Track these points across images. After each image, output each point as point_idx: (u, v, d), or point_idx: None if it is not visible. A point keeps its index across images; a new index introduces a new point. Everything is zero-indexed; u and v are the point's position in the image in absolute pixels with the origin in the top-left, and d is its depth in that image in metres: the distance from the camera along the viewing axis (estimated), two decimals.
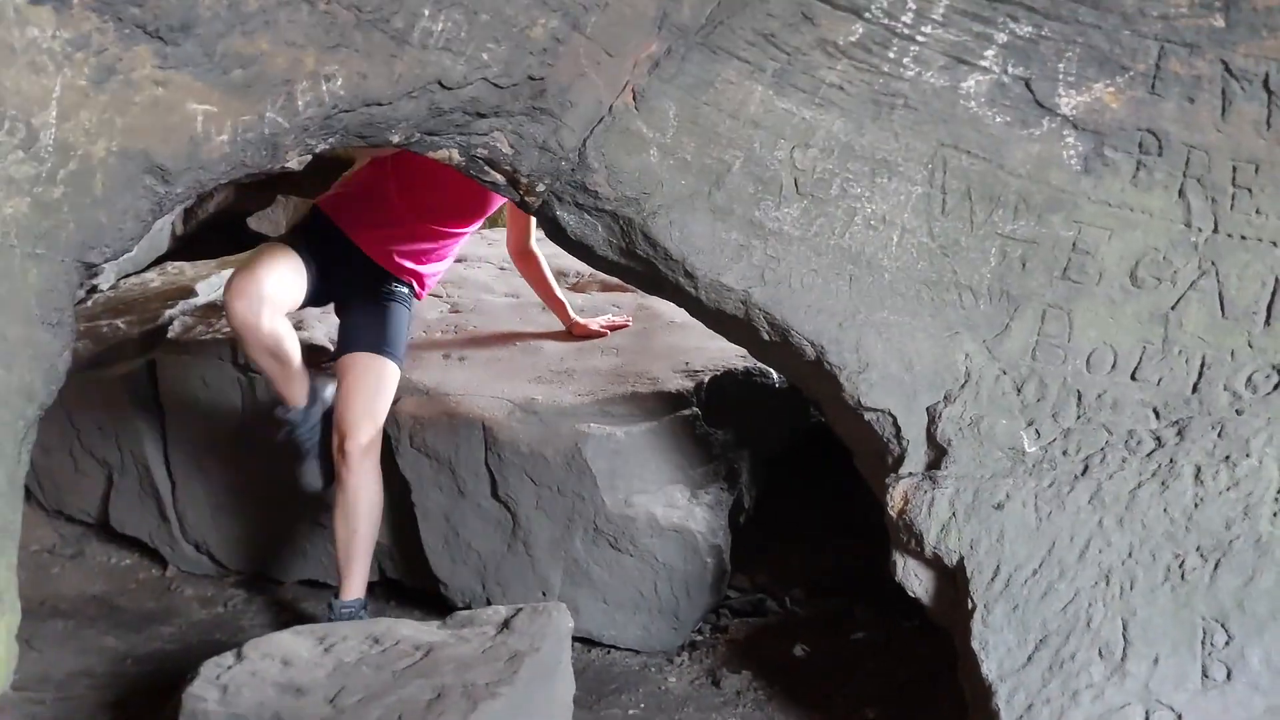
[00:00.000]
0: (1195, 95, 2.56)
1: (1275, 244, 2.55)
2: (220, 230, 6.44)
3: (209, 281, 4.85)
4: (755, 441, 3.82)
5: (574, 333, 4.08)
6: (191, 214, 6.20)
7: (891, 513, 2.62)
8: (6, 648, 1.81)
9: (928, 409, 2.67)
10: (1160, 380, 2.59)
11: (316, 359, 3.97)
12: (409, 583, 3.90)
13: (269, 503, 4.02)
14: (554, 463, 3.49)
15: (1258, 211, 2.55)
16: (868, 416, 2.70)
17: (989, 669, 2.43)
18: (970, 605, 2.48)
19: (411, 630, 2.89)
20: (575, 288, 4.64)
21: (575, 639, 3.21)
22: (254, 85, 2.19)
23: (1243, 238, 2.56)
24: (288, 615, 3.81)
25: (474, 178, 2.80)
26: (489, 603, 3.50)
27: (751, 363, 3.83)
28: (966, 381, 2.66)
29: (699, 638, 3.57)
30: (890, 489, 2.64)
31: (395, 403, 3.72)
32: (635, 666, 3.46)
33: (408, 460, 3.71)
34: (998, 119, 2.65)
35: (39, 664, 3.31)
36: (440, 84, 2.45)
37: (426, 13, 2.33)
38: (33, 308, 1.96)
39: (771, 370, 3.80)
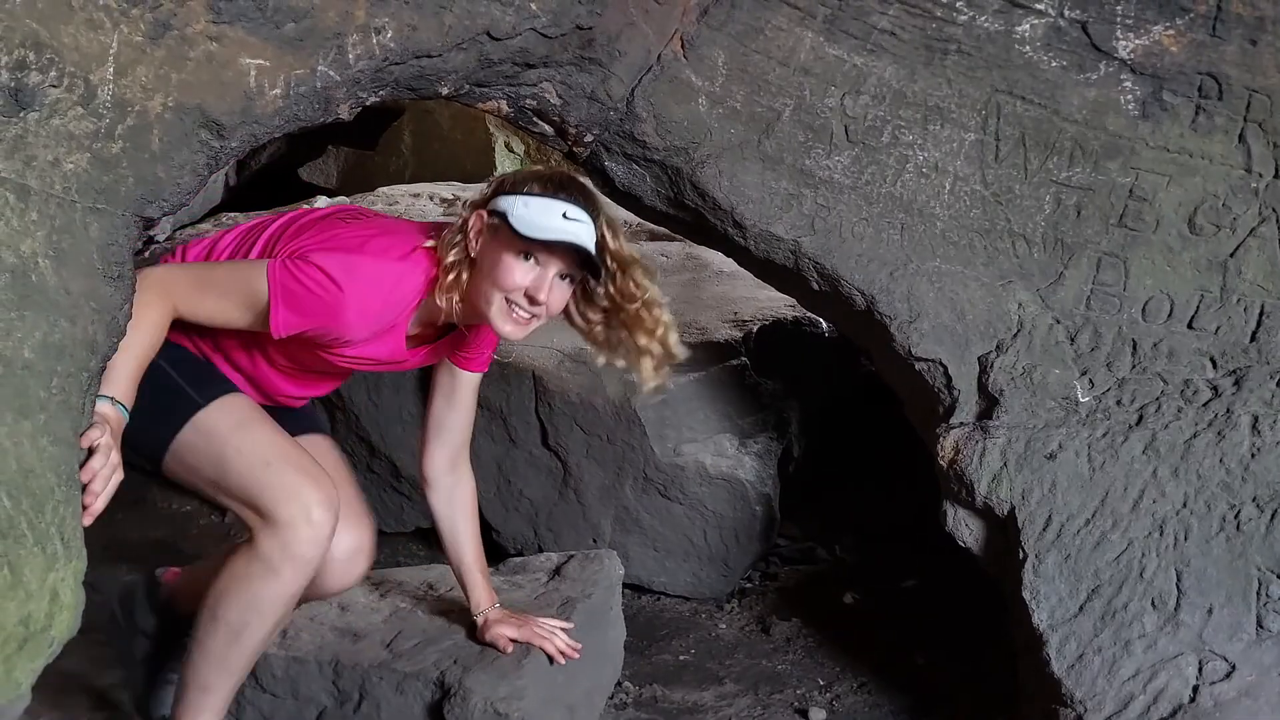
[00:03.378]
0: (1258, 37, 2.50)
1: None
2: (273, 181, 6.48)
3: None
4: (804, 391, 3.82)
5: (480, 632, 2.63)
6: (244, 165, 6.24)
7: (942, 463, 2.62)
8: (74, 593, 1.85)
9: (979, 358, 2.65)
10: (1218, 329, 2.56)
11: None
12: None
13: None
14: (604, 412, 3.52)
15: None
16: (919, 366, 2.69)
17: (1040, 618, 2.43)
18: (1021, 555, 2.48)
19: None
20: (627, 237, 4.63)
21: (626, 586, 3.25)
22: (306, 39, 2.19)
23: None
24: None
25: (522, 129, 2.80)
26: (541, 549, 3.54)
27: (801, 312, 3.82)
28: (1019, 331, 2.64)
29: (749, 585, 3.59)
30: (941, 439, 2.64)
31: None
32: (686, 613, 3.49)
33: None
34: (1053, 64, 2.61)
35: (105, 608, 3.39)
36: (489, 35, 2.44)
37: None
38: (94, 261, 1.99)
39: (821, 320, 3.79)
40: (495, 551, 3.67)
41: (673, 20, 2.67)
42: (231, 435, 2.30)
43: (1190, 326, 2.58)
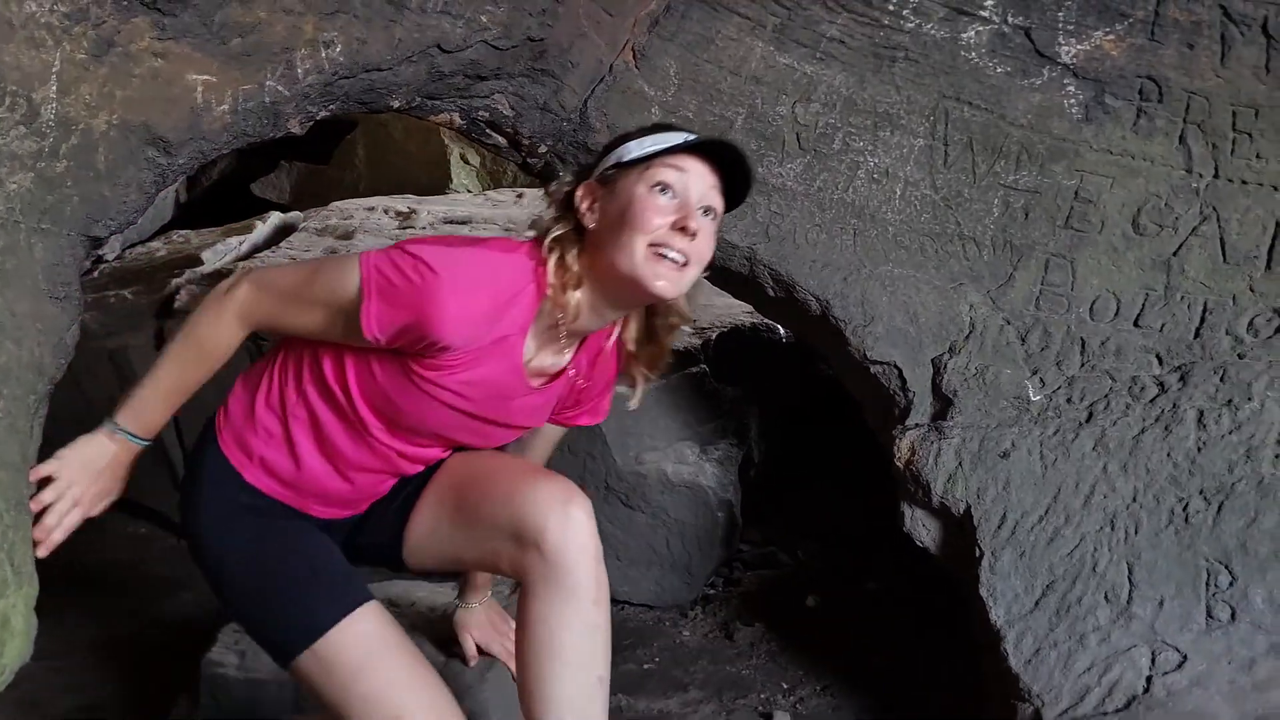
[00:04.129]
0: (1194, 41, 2.55)
1: (1276, 188, 2.56)
2: (225, 196, 6.44)
3: (214, 249, 4.86)
4: (763, 396, 3.84)
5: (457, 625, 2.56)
6: (195, 181, 6.20)
7: (899, 464, 2.64)
8: (26, 620, 1.83)
9: (933, 360, 2.68)
10: (1163, 326, 2.60)
11: None
12: None
13: None
14: None
15: (1258, 156, 2.55)
16: (874, 369, 2.72)
17: (997, 615, 2.46)
18: (978, 553, 2.50)
19: (427, 592, 2.93)
20: None
21: None
22: (253, 54, 2.18)
23: (1243, 182, 2.56)
24: None
25: (476, 141, 2.80)
26: None
27: (758, 318, 3.85)
28: (971, 332, 2.67)
29: (712, 591, 3.60)
30: (897, 440, 2.66)
31: None
32: (649, 621, 3.50)
33: None
34: (998, 69, 2.64)
35: (60, 633, 3.35)
36: (440, 47, 2.44)
37: None
38: (40, 282, 1.97)
39: (778, 326, 3.82)
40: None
41: (624, 31, 2.68)
42: (359, 674, 1.98)
43: (1136, 324, 2.62)
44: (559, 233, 2.01)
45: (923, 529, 2.64)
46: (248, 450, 2.11)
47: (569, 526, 2.03)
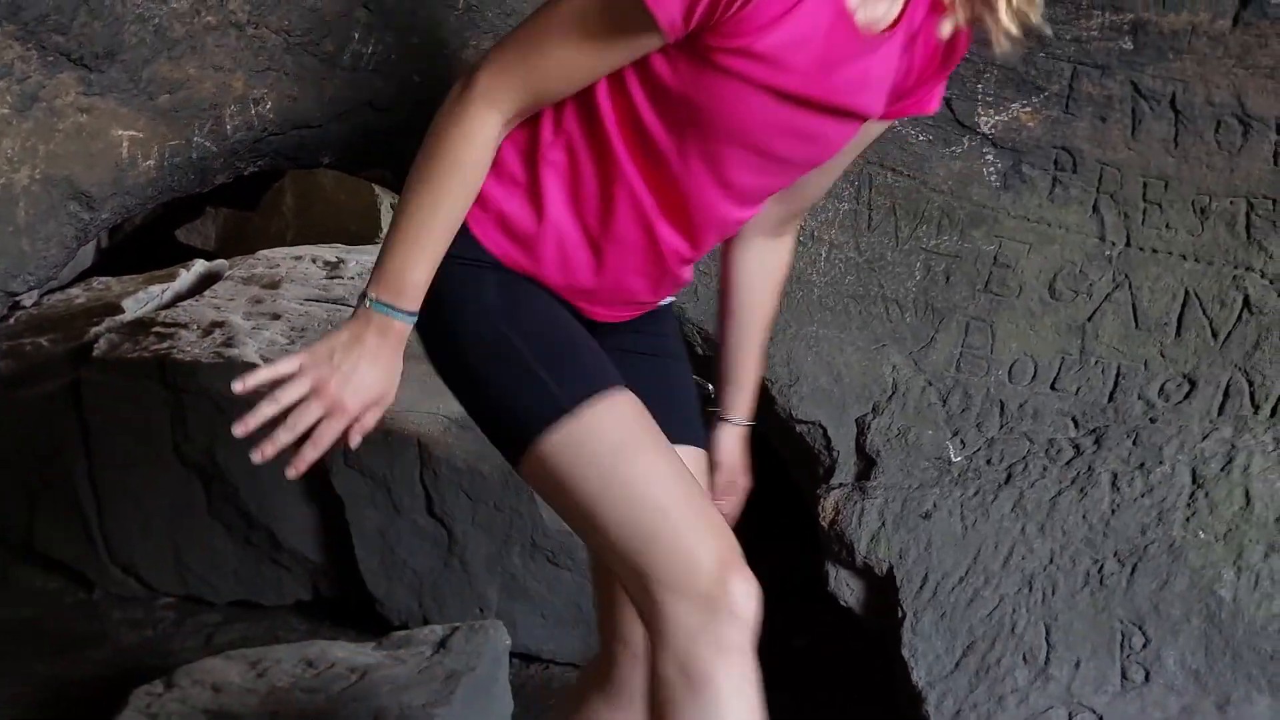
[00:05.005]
0: (1106, 114, 2.64)
1: (1184, 257, 2.64)
2: (147, 242, 6.34)
3: (135, 297, 4.78)
4: None
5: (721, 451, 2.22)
6: (118, 228, 6.09)
7: (823, 523, 2.67)
8: None
9: (857, 420, 2.72)
10: (1078, 390, 2.67)
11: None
12: (343, 601, 3.88)
13: (198, 523, 3.97)
14: (491, 478, 3.50)
15: (1167, 226, 2.64)
16: (799, 429, 2.75)
17: (918, 675, 2.48)
18: (900, 613, 2.53)
19: (346, 652, 2.90)
20: None
21: (514, 655, 3.22)
22: (181, 110, 2.18)
23: (1154, 251, 2.65)
24: (220, 637, 3.76)
25: None
26: (426, 620, 3.50)
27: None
28: (894, 393, 2.71)
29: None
30: (822, 500, 2.69)
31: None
32: (574, 680, 3.47)
33: (342, 478, 3.70)
34: (920, 137, 2.71)
35: None
36: (371, 105, 2.45)
37: (357, 36, 2.33)
38: None
39: (709, 383, 3.84)
40: (379, 624, 3.61)
41: None
42: (613, 464, 1.58)
43: (1053, 387, 2.68)
44: None
45: (847, 589, 2.67)
46: (484, 204, 1.67)
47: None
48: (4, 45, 1.91)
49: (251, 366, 3.95)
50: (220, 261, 5.40)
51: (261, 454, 1.55)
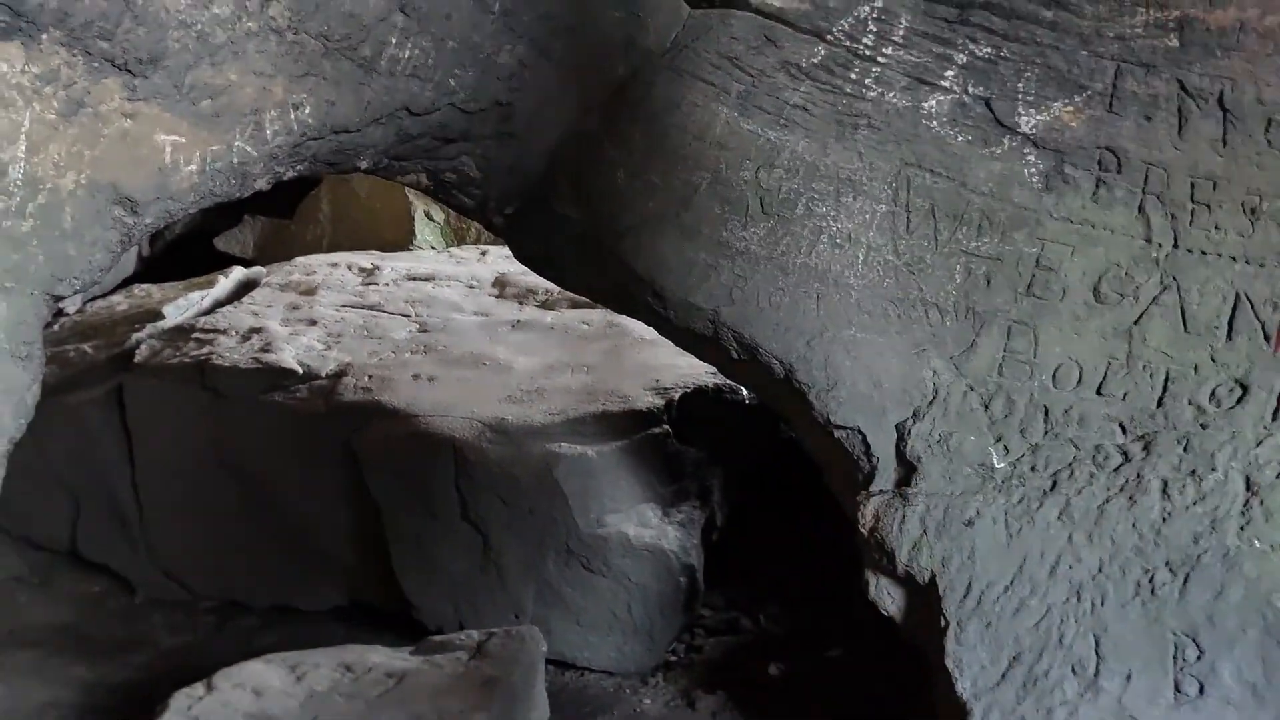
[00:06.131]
0: (1152, 114, 2.60)
1: (1234, 259, 2.59)
2: (187, 251, 6.40)
3: (176, 304, 4.83)
4: (726, 458, 3.84)
5: None
6: (158, 236, 6.16)
7: (863, 530, 2.64)
8: None
9: (896, 426, 2.69)
10: (1125, 395, 2.62)
11: (283, 380, 3.95)
12: (380, 606, 3.89)
13: (239, 527, 4.00)
14: (525, 483, 3.50)
15: (1216, 227, 2.59)
16: (837, 434, 2.72)
17: (963, 687, 2.44)
18: (943, 623, 2.50)
19: (384, 657, 2.89)
20: (544, 305, 4.65)
21: (549, 661, 3.21)
22: (222, 115, 2.18)
23: (1203, 253, 2.60)
24: (259, 641, 3.79)
25: (441, 201, 2.80)
26: (461, 625, 3.50)
27: (722, 380, 3.85)
28: (934, 398, 2.68)
29: (673, 658, 3.57)
30: (861, 507, 2.66)
31: (365, 425, 3.70)
32: (610, 688, 3.46)
33: (378, 483, 3.70)
34: (959, 138, 2.68)
35: (7, 695, 3.27)
36: (408, 110, 2.45)
37: (394, 40, 2.34)
38: (2, 341, 1.95)
39: (741, 387, 3.82)
40: (415, 629, 3.61)
41: (591, 96, 2.70)
42: None
43: (1099, 393, 2.64)
44: None
45: (888, 597, 2.63)
46: None
47: None
48: (50, 51, 1.92)
49: (289, 372, 3.97)
50: (258, 269, 5.45)
51: None
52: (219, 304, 4.92)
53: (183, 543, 4.09)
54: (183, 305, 4.83)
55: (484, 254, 5.42)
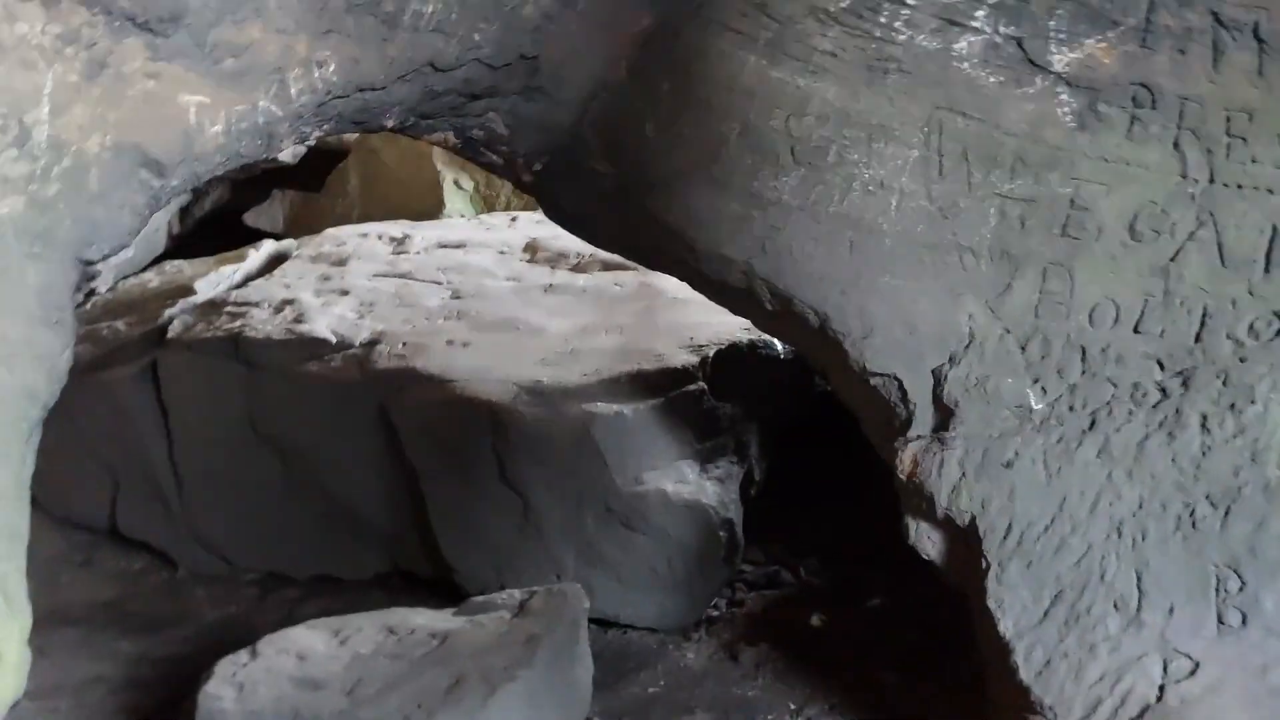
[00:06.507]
0: (1186, 47, 2.55)
1: (1272, 191, 2.53)
2: (217, 227, 6.43)
3: (207, 279, 4.86)
4: (763, 413, 3.83)
5: None
6: (188, 212, 6.19)
7: (901, 476, 2.62)
8: (19, 652, 1.80)
9: (933, 371, 2.66)
10: (1163, 332, 2.59)
11: (317, 350, 3.96)
12: (421, 572, 3.92)
13: (278, 499, 4.02)
14: (562, 444, 3.50)
15: (1253, 160, 2.54)
16: (873, 381, 2.70)
17: (1006, 626, 2.43)
18: (984, 564, 2.48)
19: (427, 619, 2.91)
20: (577, 268, 4.63)
21: (591, 620, 3.22)
22: (246, 74, 2.18)
23: (1239, 186, 2.55)
24: (302, 611, 3.81)
25: (471, 159, 2.79)
26: (502, 588, 3.50)
27: (756, 335, 3.84)
28: (971, 342, 2.65)
29: (715, 613, 3.58)
30: (899, 453, 2.64)
31: (401, 391, 3.71)
32: (653, 644, 3.47)
33: (415, 449, 3.72)
34: (991, 79, 2.64)
35: (52, 672, 3.31)
36: (433, 66, 2.44)
37: None
38: (33, 308, 1.95)
39: (776, 341, 3.80)
40: (457, 594, 3.63)
41: (618, 47, 2.68)
42: None
43: (1136, 330, 2.60)
44: None
45: (928, 541, 2.62)
46: None
47: None
48: (70, 10, 1.92)
49: (323, 342, 3.99)
50: (289, 241, 5.47)
51: None
52: (250, 278, 4.94)
53: (222, 516, 4.12)
54: (214, 280, 4.85)
55: (514, 220, 5.41)
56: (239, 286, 4.77)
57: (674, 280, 3.06)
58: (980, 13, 2.62)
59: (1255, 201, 2.55)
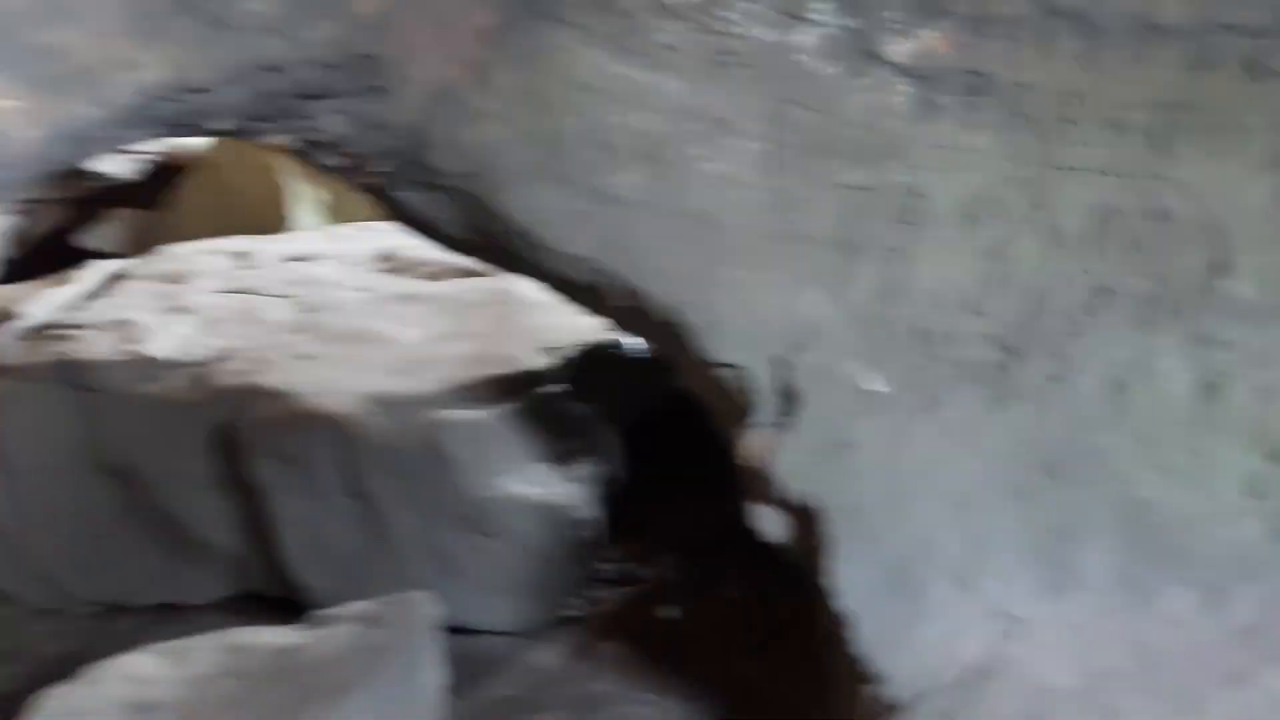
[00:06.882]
0: (1017, 34, 2.63)
1: (1102, 173, 2.64)
2: (55, 252, 6.15)
3: (34, 302, 4.63)
4: (620, 412, 3.84)
5: None
6: (23, 239, 5.93)
7: (745, 462, 2.65)
8: None
9: (777, 359, 2.69)
10: (1000, 312, 2.67)
11: (154, 370, 3.80)
12: (269, 593, 3.79)
13: (117, 526, 3.86)
14: (412, 454, 3.44)
15: (1084, 143, 2.64)
16: (719, 372, 2.72)
17: (842, 601, 2.49)
18: (824, 542, 2.53)
19: (270, 636, 2.82)
20: (432, 276, 4.55)
21: (451, 629, 3.17)
22: (64, 79, 2.09)
23: (1071, 169, 2.64)
24: (144, 640, 3.63)
25: (311, 163, 2.72)
26: None
27: (609, 335, 3.84)
28: (814, 330, 2.69)
29: (572, 612, 3.56)
30: (744, 440, 2.67)
31: (244, 408, 3.60)
32: (508, 648, 3.44)
33: (261, 466, 3.60)
34: (830, 71, 2.68)
35: None
36: (264, 67, 2.37)
37: None
38: None
39: (632, 339, 3.81)
40: (305, 612, 3.52)
41: (458, 45, 2.64)
42: None
43: (975, 313, 2.68)
44: None
45: (772, 525, 2.66)
46: None
47: None
48: None
49: (160, 361, 3.86)
50: (126, 261, 5.26)
51: None
52: (84, 299, 4.73)
53: (59, 547, 3.94)
54: (42, 304, 4.63)
55: (366, 231, 5.30)
56: (71, 309, 4.56)
57: (529, 286, 3.03)
58: (818, 5, 2.66)
59: (1085, 182, 2.65)
